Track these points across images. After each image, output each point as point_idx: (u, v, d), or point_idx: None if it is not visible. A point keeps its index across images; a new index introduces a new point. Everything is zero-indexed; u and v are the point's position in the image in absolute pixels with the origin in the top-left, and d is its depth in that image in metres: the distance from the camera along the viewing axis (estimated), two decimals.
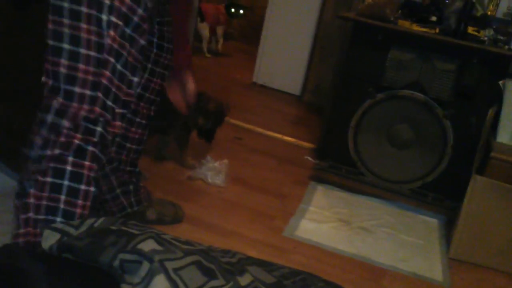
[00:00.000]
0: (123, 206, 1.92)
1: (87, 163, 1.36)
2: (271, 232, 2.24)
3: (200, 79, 4.39)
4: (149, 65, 1.77)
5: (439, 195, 2.62)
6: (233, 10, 5.59)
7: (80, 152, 1.35)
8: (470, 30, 2.45)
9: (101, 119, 1.36)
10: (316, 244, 2.21)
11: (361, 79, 2.61)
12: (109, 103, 1.37)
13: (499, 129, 2.40)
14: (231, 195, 2.48)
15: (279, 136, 3.45)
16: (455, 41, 2.39)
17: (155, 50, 1.77)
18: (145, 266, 1.13)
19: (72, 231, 1.31)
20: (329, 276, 1.96)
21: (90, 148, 1.36)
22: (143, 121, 1.86)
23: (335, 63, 3.60)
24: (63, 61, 1.32)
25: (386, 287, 2.02)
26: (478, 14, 2.57)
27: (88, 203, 1.39)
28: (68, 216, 1.35)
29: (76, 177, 1.36)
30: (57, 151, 1.33)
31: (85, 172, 1.36)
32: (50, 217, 1.34)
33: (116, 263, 1.15)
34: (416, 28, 2.45)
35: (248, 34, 6.27)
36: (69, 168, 1.34)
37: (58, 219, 1.34)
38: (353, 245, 2.25)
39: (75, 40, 1.31)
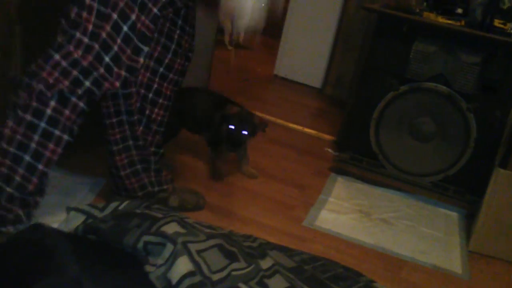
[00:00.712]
0: (143, 184, 1.92)
1: (67, 111, 1.44)
2: (290, 222, 2.25)
3: (222, 71, 4.44)
4: (173, 46, 1.80)
5: (461, 188, 2.61)
6: None
7: (63, 100, 1.44)
8: (497, 22, 2.42)
9: (94, 72, 1.42)
10: (336, 234, 2.21)
11: (384, 71, 2.60)
12: (107, 59, 1.42)
13: None
14: (251, 184, 2.50)
15: (299, 128, 3.46)
16: (481, 34, 2.36)
17: (178, 31, 1.80)
18: (169, 247, 1.15)
19: (97, 212, 1.34)
20: (348, 265, 1.97)
21: (73, 99, 1.45)
22: (165, 102, 1.89)
23: (358, 56, 3.58)
24: (73, 7, 1.43)
25: (404, 278, 2.02)
26: (505, 7, 2.53)
27: (59, 150, 1.47)
28: (37, 156, 1.41)
29: (53, 122, 1.44)
30: (41, 87, 1.40)
31: (63, 119, 1.45)
32: (19, 153, 1.42)
33: (140, 245, 1.18)
34: (441, 20, 2.44)
35: (271, 27, 6.26)
36: (48, 111, 1.43)
37: (27, 157, 1.40)
38: (372, 236, 2.25)
39: None
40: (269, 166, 2.74)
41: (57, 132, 1.43)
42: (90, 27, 1.43)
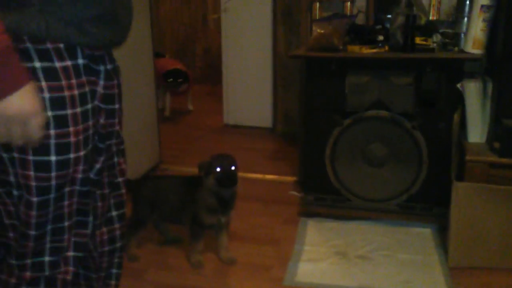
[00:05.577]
0: None
1: None
2: (271, 284, 2.23)
3: (172, 133, 4.41)
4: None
5: (426, 204, 2.63)
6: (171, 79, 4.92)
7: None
8: (418, 40, 2.49)
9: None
10: (318, 286, 2.20)
11: (325, 108, 2.63)
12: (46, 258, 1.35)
13: (468, 130, 2.43)
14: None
15: (260, 176, 3.46)
16: (405, 56, 2.42)
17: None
18: None
19: None
20: None
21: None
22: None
23: (298, 93, 3.63)
24: None
25: None
26: (422, 22, 2.61)
27: None
28: None
29: None
30: None
31: None
32: None
33: None
34: (365, 50, 2.49)
35: (210, 75, 6.30)
36: None
37: None
38: (354, 278, 2.24)
39: None
40: (239, 227, 2.71)
41: None
42: None
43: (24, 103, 1.05)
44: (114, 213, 1.59)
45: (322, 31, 2.58)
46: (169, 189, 2.43)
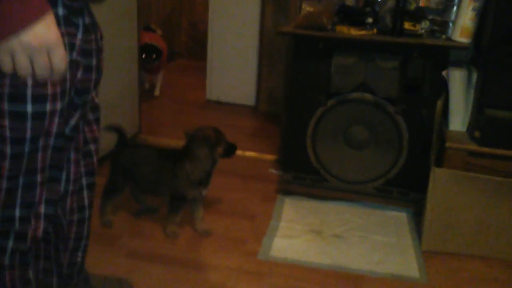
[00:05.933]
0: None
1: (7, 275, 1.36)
2: (245, 257, 2.23)
3: (154, 106, 4.37)
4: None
5: (403, 189, 2.66)
6: (143, 55, 4.43)
7: None
8: (407, 25, 2.49)
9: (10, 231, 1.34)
10: (292, 262, 2.21)
11: (310, 88, 2.63)
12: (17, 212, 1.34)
13: (450, 118, 2.45)
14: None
15: (240, 152, 3.43)
16: (393, 40, 2.42)
17: None
18: None
19: None
20: None
21: (6, 263, 1.36)
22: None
23: (283, 72, 3.61)
24: None
25: None
26: (412, 7, 2.61)
27: None
28: None
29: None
30: None
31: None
32: None
33: None
34: (354, 32, 2.48)
35: (195, 50, 6.23)
36: None
37: None
38: (328, 256, 2.26)
39: None
40: (216, 200, 2.71)
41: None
42: None
43: (49, 32, 1.02)
44: (84, 181, 1.58)
45: (311, 10, 2.56)
46: (146, 160, 2.38)
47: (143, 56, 4.38)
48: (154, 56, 4.51)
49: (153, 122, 3.94)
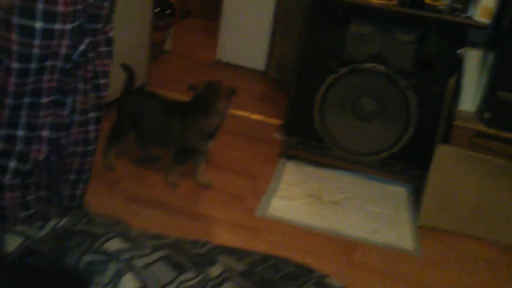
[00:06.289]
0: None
1: (8, 194, 1.37)
2: (243, 213, 2.25)
3: (162, 61, 4.35)
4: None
5: (406, 164, 2.66)
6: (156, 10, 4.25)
7: None
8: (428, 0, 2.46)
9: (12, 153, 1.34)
10: (288, 222, 2.23)
11: (323, 54, 2.61)
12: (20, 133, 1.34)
13: (460, 97, 2.44)
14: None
15: (246, 114, 3.44)
16: (413, 12, 2.39)
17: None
18: (113, 266, 1.12)
19: (34, 232, 1.29)
20: (303, 253, 1.99)
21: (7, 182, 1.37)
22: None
23: (298, 38, 3.58)
24: None
25: (358, 260, 2.06)
26: None
27: None
28: None
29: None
30: None
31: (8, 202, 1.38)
32: None
33: (83, 265, 1.14)
34: (374, 0, 2.45)
35: (209, 11, 6.16)
36: None
37: None
38: (324, 220, 2.28)
39: None
40: (218, 157, 2.72)
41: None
42: None
43: None
44: (90, 114, 1.58)
45: None
46: (152, 111, 2.37)
47: (156, 10, 4.33)
48: (167, 11, 4.48)
49: (161, 76, 3.92)
